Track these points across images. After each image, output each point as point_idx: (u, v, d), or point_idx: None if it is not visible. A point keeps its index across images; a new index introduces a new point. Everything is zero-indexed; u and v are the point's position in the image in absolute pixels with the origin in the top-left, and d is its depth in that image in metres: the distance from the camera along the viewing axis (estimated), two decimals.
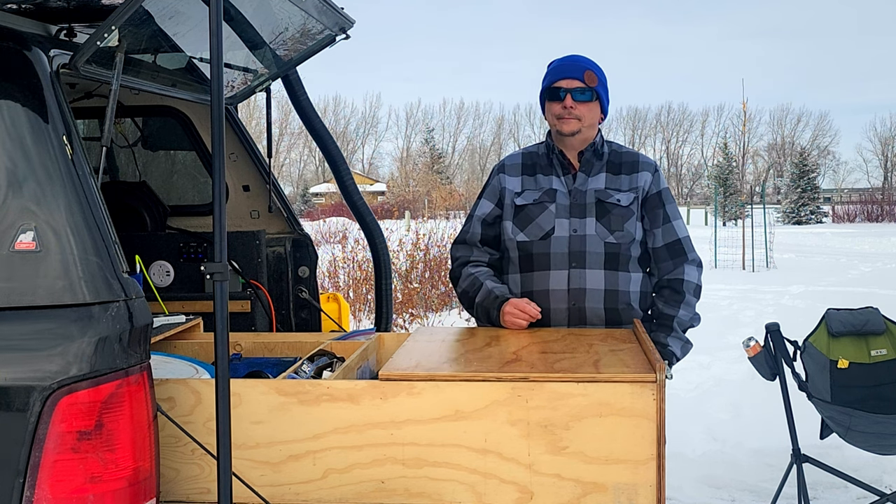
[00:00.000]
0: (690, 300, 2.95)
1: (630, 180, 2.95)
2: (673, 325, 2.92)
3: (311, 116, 3.45)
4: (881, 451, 3.80)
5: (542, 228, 2.90)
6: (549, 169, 2.98)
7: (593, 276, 2.86)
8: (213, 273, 1.88)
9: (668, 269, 2.97)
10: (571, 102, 2.88)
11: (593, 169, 2.96)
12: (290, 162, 75.22)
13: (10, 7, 2.09)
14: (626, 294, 2.89)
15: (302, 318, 3.69)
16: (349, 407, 2.05)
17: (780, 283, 14.13)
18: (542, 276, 2.89)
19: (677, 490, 4.44)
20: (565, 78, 2.90)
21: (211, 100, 1.88)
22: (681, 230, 2.99)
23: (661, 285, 2.98)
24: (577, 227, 2.88)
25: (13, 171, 1.89)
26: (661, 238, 2.96)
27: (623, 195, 2.92)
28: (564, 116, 2.90)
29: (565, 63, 2.94)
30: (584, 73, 2.89)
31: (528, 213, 2.93)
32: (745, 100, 76.17)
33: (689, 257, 2.98)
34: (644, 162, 3.01)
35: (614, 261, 2.88)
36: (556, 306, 2.86)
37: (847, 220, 43.93)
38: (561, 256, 2.87)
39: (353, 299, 9.90)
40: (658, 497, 2.01)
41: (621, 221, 2.89)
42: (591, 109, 2.91)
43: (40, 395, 1.79)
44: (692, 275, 2.97)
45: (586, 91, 2.89)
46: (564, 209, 2.91)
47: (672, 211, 2.99)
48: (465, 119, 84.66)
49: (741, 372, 6.62)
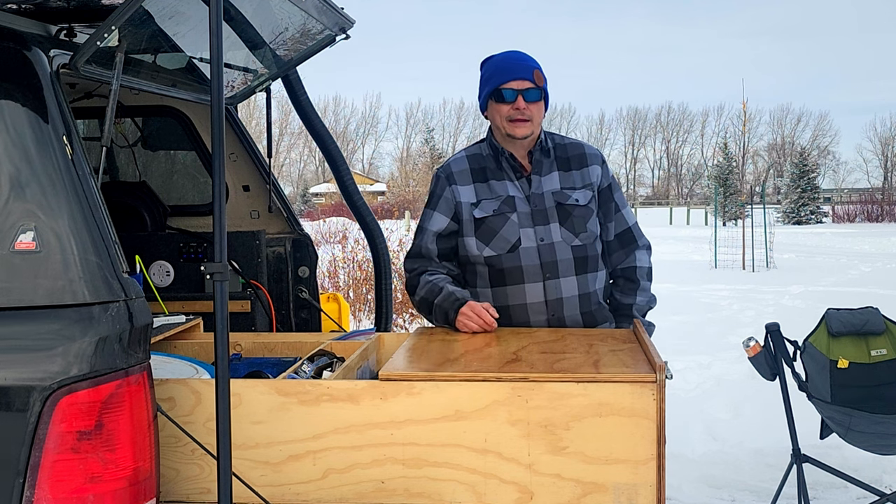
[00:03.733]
0: (645, 285, 2.98)
1: (582, 176, 2.92)
2: (632, 313, 2.94)
3: (311, 116, 3.44)
4: (881, 451, 3.80)
5: (508, 241, 2.83)
6: (499, 173, 2.89)
7: (568, 284, 2.84)
8: (213, 273, 1.88)
9: (621, 258, 2.98)
10: (524, 104, 2.81)
11: (544, 168, 2.90)
12: (290, 162, 75.30)
13: (10, 7, 2.09)
14: (596, 294, 2.90)
15: (302, 318, 3.69)
16: (349, 407, 2.05)
17: (780, 283, 14.14)
18: (517, 289, 2.84)
19: (677, 490, 4.44)
20: (515, 79, 2.81)
21: (211, 100, 1.88)
22: (630, 218, 3.01)
23: (616, 275, 3.00)
24: (542, 235, 2.84)
25: (13, 172, 1.89)
26: (612, 230, 2.97)
27: (579, 193, 2.89)
28: (517, 118, 2.81)
29: (512, 62, 2.85)
30: (533, 72, 2.82)
31: (489, 225, 2.84)
32: (745, 100, 76.28)
33: (639, 243, 3.00)
34: (591, 154, 2.97)
35: (583, 264, 2.87)
36: (535, 319, 2.83)
37: (847, 220, 43.93)
38: (533, 269, 2.82)
39: (353, 299, 9.90)
40: (658, 497, 2.01)
41: (583, 222, 2.87)
42: (539, 109, 2.86)
43: (40, 395, 1.79)
44: (643, 259, 2.99)
45: (536, 91, 2.83)
46: (526, 217, 2.85)
47: (620, 199, 3.00)
48: (465, 119, 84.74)
49: (741, 372, 6.64)
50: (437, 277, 2.87)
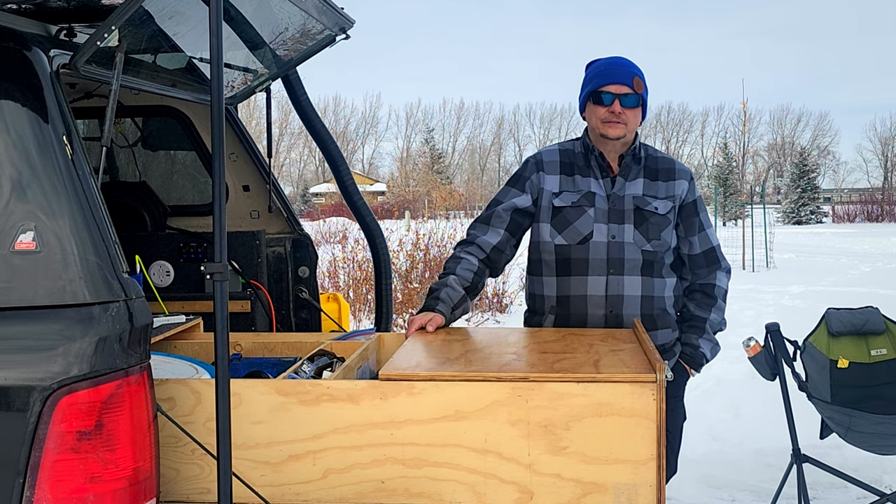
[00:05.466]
0: (721, 305, 3.05)
1: (667, 188, 2.97)
2: (705, 328, 3.02)
3: (311, 116, 3.44)
4: (881, 451, 3.80)
5: (580, 233, 2.89)
6: (587, 170, 2.96)
7: (631, 283, 2.89)
8: (213, 273, 1.88)
9: (703, 275, 3.04)
10: (620, 109, 2.86)
11: (631, 173, 2.95)
12: (290, 162, 75.26)
13: (10, 7, 2.09)
14: (662, 300, 2.94)
15: (302, 318, 3.69)
16: (349, 407, 2.05)
17: (780, 283, 14.14)
18: (580, 280, 2.89)
19: (677, 490, 4.43)
20: (614, 83, 2.87)
21: (211, 100, 1.88)
22: (713, 238, 3.07)
23: (693, 289, 3.05)
24: (615, 233, 2.89)
25: (13, 172, 1.89)
26: (698, 246, 3.02)
27: (660, 203, 2.93)
28: (612, 121, 2.87)
29: (613, 67, 2.92)
30: (633, 79, 2.87)
31: (565, 215, 2.92)
32: (745, 100, 76.34)
33: (721, 265, 3.07)
34: (681, 170, 3.03)
35: (650, 267, 2.91)
36: (593, 312, 2.88)
37: (847, 220, 43.93)
38: (599, 262, 2.88)
39: (353, 299, 9.89)
40: (658, 497, 2.01)
41: (658, 230, 2.91)
42: (636, 115, 2.91)
43: (40, 395, 1.79)
44: (723, 281, 3.06)
45: (633, 97, 2.87)
46: (603, 214, 2.91)
47: (705, 219, 3.06)
48: (465, 119, 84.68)
49: (741, 372, 6.62)
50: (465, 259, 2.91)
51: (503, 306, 10.50)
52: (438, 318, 2.75)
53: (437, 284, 2.88)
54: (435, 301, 2.81)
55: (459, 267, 2.90)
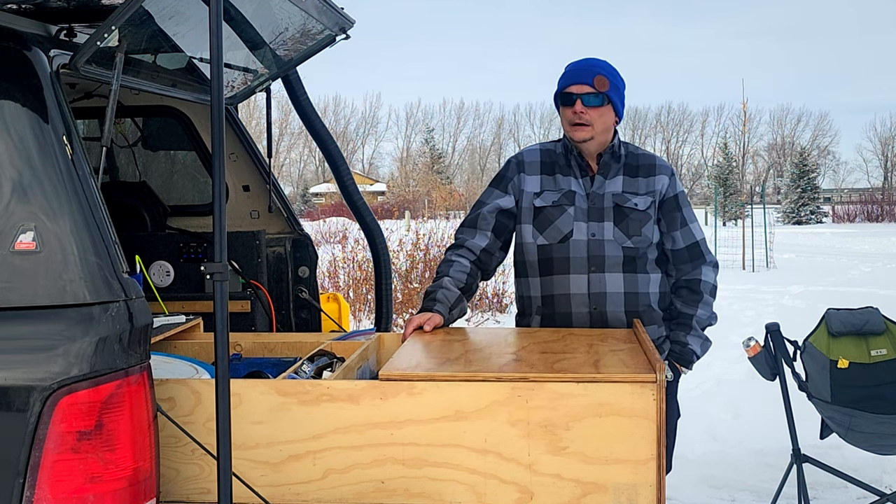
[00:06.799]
0: (708, 300, 3.01)
1: (647, 183, 2.97)
2: (692, 324, 2.98)
3: (311, 116, 3.44)
4: (881, 451, 3.80)
5: (561, 231, 2.91)
6: (567, 170, 2.98)
7: (613, 280, 2.89)
8: (213, 273, 1.88)
9: (687, 270, 3.01)
10: (582, 108, 2.87)
11: (611, 171, 2.96)
12: (290, 162, 75.26)
13: (10, 7, 2.09)
14: (646, 296, 2.94)
15: (302, 318, 3.69)
16: (349, 407, 2.05)
17: (780, 283, 14.13)
18: (562, 279, 2.90)
19: (677, 490, 4.43)
20: (576, 83, 2.89)
21: (211, 100, 1.88)
22: (698, 233, 3.04)
23: (679, 285, 3.03)
24: (594, 230, 2.90)
25: (13, 172, 1.89)
26: (681, 241, 3.00)
27: (640, 199, 2.94)
28: (576, 122, 2.88)
29: (577, 68, 2.93)
30: (594, 77, 2.86)
31: (546, 215, 2.93)
32: (745, 100, 76.38)
33: (706, 259, 3.03)
34: (661, 165, 3.02)
35: (632, 264, 2.91)
36: (577, 310, 2.89)
37: (847, 220, 43.94)
38: (580, 260, 2.89)
39: (353, 299, 9.90)
40: (658, 497, 2.01)
41: (638, 226, 2.91)
42: (602, 114, 2.89)
43: (40, 395, 1.79)
44: (709, 275, 3.02)
45: (597, 96, 2.87)
46: (582, 212, 2.92)
47: (689, 214, 3.04)
48: (465, 119, 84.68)
49: (741, 372, 6.63)
50: (452, 266, 2.92)
51: (503, 306, 10.50)
52: (436, 317, 2.75)
53: (433, 287, 2.89)
54: (432, 302, 2.81)
55: (452, 269, 2.91)
